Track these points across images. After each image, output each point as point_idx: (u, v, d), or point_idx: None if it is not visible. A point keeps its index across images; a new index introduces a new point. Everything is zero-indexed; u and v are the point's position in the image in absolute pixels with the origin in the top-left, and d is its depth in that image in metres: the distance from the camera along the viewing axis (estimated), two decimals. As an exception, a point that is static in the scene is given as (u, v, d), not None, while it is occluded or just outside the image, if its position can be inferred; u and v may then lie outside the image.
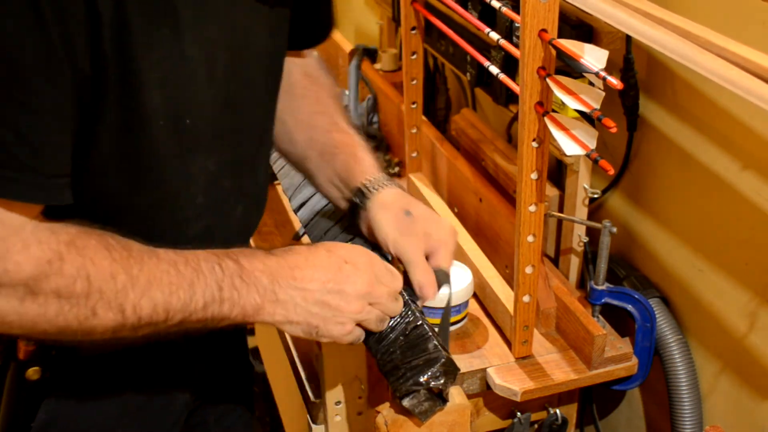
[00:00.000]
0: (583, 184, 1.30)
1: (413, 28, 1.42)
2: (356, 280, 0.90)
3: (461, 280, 1.27)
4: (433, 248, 1.03)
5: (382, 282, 0.92)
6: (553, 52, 0.96)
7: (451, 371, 0.92)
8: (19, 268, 0.75)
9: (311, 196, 1.26)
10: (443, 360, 0.91)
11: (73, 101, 0.76)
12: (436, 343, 0.93)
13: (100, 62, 0.76)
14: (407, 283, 1.00)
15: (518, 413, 1.28)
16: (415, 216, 1.02)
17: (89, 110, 0.79)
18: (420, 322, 0.95)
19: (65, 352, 0.95)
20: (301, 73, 1.14)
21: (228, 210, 0.98)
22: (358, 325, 0.93)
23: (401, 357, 0.93)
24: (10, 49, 0.70)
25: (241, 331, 1.24)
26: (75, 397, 0.98)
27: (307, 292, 0.88)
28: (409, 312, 0.96)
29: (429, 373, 0.91)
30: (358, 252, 0.93)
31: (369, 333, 0.96)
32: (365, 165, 1.07)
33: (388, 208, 1.03)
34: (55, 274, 0.77)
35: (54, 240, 0.78)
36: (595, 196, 1.31)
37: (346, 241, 1.10)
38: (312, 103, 1.13)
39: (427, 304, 1.23)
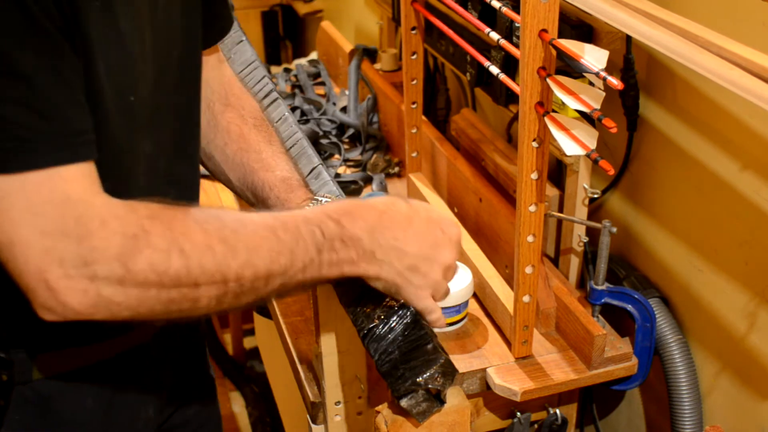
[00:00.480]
0: (583, 184, 1.30)
1: (413, 28, 1.42)
2: (447, 252, 0.92)
3: (461, 280, 1.27)
4: None
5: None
6: (553, 52, 0.96)
7: (449, 372, 0.92)
8: (107, 243, 0.73)
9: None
10: (442, 361, 0.91)
11: (71, 58, 0.75)
12: (435, 344, 0.93)
13: (66, 26, 0.75)
14: None
15: (518, 413, 1.28)
16: None
17: None
18: (419, 322, 0.95)
19: (18, 376, 0.93)
20: (223, 103, 1.12)
21: (161, 194, 0.97)
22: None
23: (400, 357, 0.93)
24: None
25: (200, 342, 1.24)
26: (30, 429, 0.96)
27: (404, 254, 0.89)
28: (408, 313, 0.96)
29: (427, 374, 0.91)
30: (450, 222, 0.93)
31: (368, 333, 0.96)
32: (289, 206, 1.06)
33: None
34: (145, 248, 0.74)
35: (134, 215, 0.76)
36: (595, 196, 1.31)
37: None
38: (236, 140, 1.11)
39: None
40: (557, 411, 1.29)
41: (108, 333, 0.98)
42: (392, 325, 0.96)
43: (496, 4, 1.16)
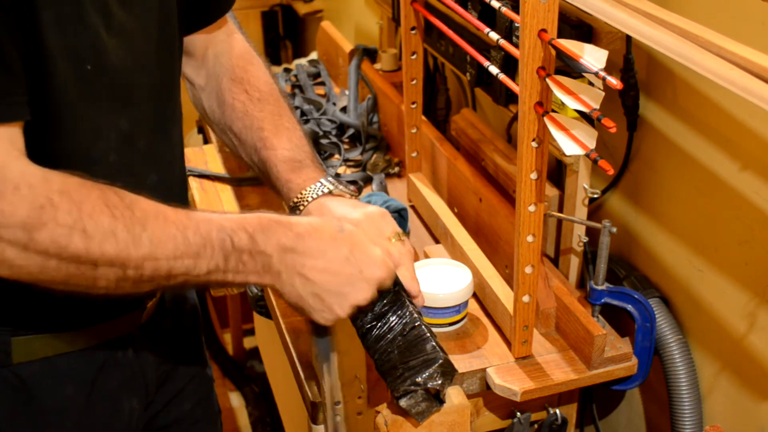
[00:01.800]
0: (582, 184, 1.30)
1: (413, 28, 1.42)
2: (357, 293, 0.91)
3: (461, 280, 1.27)
4: None
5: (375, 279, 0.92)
6: (553, 52, 0.96)
7: (448, 372, 0.92)
8: (14, 209, 0.76)
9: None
10: (441, 361, 0.91)
11: (7, 23, 0.76)
12: (434, 344, 0.93)
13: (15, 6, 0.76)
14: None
15: (518, 413, 1.28)
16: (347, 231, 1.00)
17: None
18: (418, 322, 0.95)
19: None
20: (230, 78, 1.12)
21: (141, 175, 0.97)
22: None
23: (399, 357, 0.93)
24: None
25: (196, 329, 1.24)
26: (8, 413, 0.97)
27: (308, 282, 0.89)
28: (407, 312, 0.96)
29: (426, 374, 0.91)
30: (375, 263, 0.92)
31: (367, 332, 0.96)
32: (290, 187, 1.07)
33: None
34: (50, 221, 0.77)
35: (45, 187, 0.77)
36: (595, 196, 1.31)
37: None
38: (241, 117, 1.11)
39: (425, 304, 1.23)
40: (557, 411, 1.29)
41: (90, 320, 0.99)
42: (391, 325, 0.96)
43: (495, 4, 1.16)
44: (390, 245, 0.99)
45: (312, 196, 1.05)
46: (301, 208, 1.05)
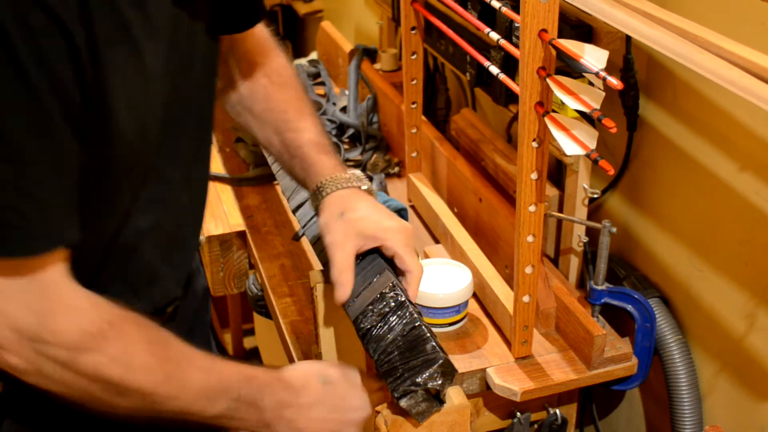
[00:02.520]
0: (582, 184, 1.30)
1: (413, 28, 1.42)
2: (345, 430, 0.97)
3: (461, 280, 1.27)
4: (369, 246, 1.01)
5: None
6: (553, 52, 0.96)
7: (448, 372, 0.92)
8: (65, 331, 0.79)
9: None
10: (441, 361, 0.91)
11: (71, 145, 0.77)
12: (434, 344, 0.93)
13: (84, 86, 0.76)
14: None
15: (518, 413, 1.28)
16: (347, 218, 1.01)
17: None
18: (418, 323, 0.95)
19: (13, 385, 0.93)
20: (250, 61, 1.11)
21: (174, 201, 0.98)
22: None
23: (399, 357, 0.93)
24: (3, 118, 0.71)
25: (208, 324, 1.25)
26: (36, 408, 0.97)
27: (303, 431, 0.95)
28: (407, 313, 0.96)
29: (426, 374, 0.91)
30: (361, 410, 0.97)
31: (367, 333, 0.96)
32: (317, 168, 1.06)
33: (325, 212, 1.03)
34: (96, 349, 0.80)
35: (98, 316, 0.81)
36: (595, 196, 1.31)
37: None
38: (262, 100, 1.11)
39: (425, 304, 1.23)
40: (557, 411, 1.29)
41: None
42: (391, 325, 0.95)
43: (495, 4, 1.16)
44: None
45: (340, 185, 1.04)
46: (326, 192, 1.04)
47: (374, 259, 1.01)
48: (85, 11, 0.73)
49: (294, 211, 1.33)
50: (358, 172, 1.07)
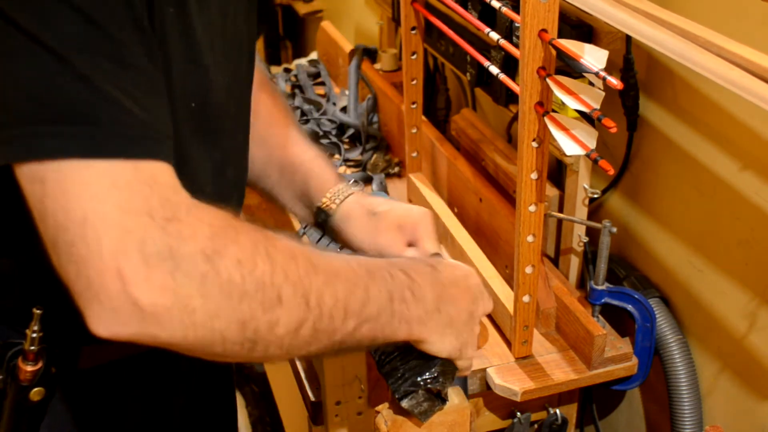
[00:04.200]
0: (583, 184, 1.30)
1: (413, 28, 1.42)
2: (479, 307, 0.94)
3: (461, 280, 1.27)
4: (412, 237, 1.02)
5: None
6: (553, 52, 0.96)
7: (449, 371, 0.92)
8: (195, 231, 0.65)
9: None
10: (441, 360, 0.91)
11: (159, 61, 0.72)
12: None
13: (152, 27, 0.73)
14: None
15: (518, 413, 1.28)
16: (381, 213, 1.01)
17: None
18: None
19: (65, 367, 0.93)
20: (256, 85, 1.12)
21: (227, 201, 0.98)
22: None
23: (400, 357, 0.93)
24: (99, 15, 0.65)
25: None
26: (75, 414, 0.98)
27: (461, 311, 0.89)
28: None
29: (428, 374, 0.91)
30: (468, 274, 0.94)
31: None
32: (322, 180, 1.06)
33: (353, 217, 1.03)
34: (232, 243, 0.66)
35: (221, 213, 0.69)
36: (595, 196, 1.31)
37: (336, 250, 1.10)
38: (265, 116, 1.10)
39: None
40: (557, 411, 1.29)
41: None
42: (392, 325, 0.95)
43: (496, 4, 1.16)
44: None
45: (348, 192, 1.05)
46: (337, 201, 1.05)
47: None
48: None
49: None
50: (352, 180, 1.09)
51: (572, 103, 0.93)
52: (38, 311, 0.85)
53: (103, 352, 0.96)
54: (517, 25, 1.24)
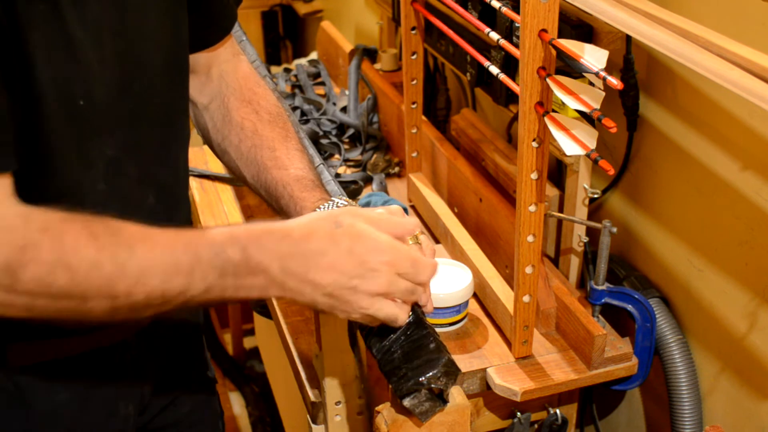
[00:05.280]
0: (583, 184, 1.30)
1: (413, 28, 1.42)
2: (371, 282, 0.87)
3: (461, 280, 1.27)
4: None
5: (403, 278, 0.89)
6: (553, 52, 0.96)
7: (452, 372, 0.92)
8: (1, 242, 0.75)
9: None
10: (444, 360, 0.91)
11: None
12: (438, 343, 0.93)
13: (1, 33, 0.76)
14: None
15: (518, 413, 1.28)
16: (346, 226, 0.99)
17: None
18: (421, 322, 0.95)
19: None
20: (237, 98, 1.11)
21: (136, 199, 0.97)
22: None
23: (402, 357, 0.93)
24: None
25: (197, 332, 1.23)
26: (2, 417, 0.97)
27: (317, 285, 0.85)
28: (411, 312, 0.96)
29: (430, 374, 0.91)
30: (378, 249, 0.87)
31: (370, 332, 0.96)
32: (304, 204, 1.04)
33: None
34: (31, 261, 0.76)
35: (26, 227, 0.77)
36: (595, 196, 1.31)
37: None
38: (250, 137, 1.10)
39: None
40: (557, 411, 1.29)
41: (82, 329, 0.98)
42: (394, 325, 0.95)
43: (496, 4, 1.16)
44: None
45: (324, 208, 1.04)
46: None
47: None
48: None
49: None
50: (341, 198, 1.05)
51: (572, 103, 0.93)
52: None
53: (32, 350, 0.96)
54: (517, 25, 1.24)
